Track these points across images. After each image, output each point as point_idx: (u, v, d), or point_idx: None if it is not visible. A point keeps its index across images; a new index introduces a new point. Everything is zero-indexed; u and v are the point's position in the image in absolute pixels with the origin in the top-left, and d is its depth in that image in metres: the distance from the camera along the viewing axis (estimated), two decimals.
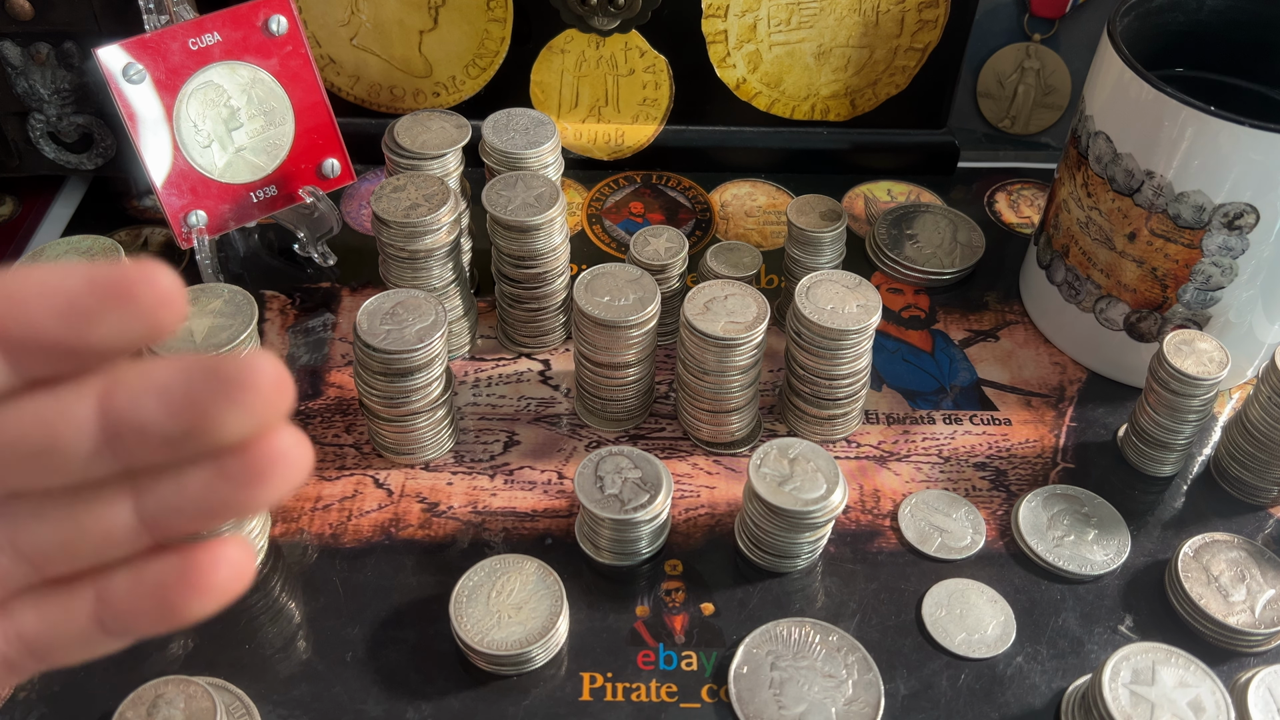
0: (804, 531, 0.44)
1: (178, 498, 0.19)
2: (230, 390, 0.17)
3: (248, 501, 0.19)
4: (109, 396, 0.18)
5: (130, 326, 0.17)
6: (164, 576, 0.20)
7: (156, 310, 0.17)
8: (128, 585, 0.20)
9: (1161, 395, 0.49)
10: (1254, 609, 0.44)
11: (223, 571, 0.20)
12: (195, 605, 0.20)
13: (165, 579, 0.20)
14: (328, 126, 0.58)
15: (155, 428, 0.18)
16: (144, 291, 0.17)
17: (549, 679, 0.42)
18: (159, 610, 0.20)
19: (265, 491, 0.19)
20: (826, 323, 0.47)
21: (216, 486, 0.19)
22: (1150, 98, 0.47)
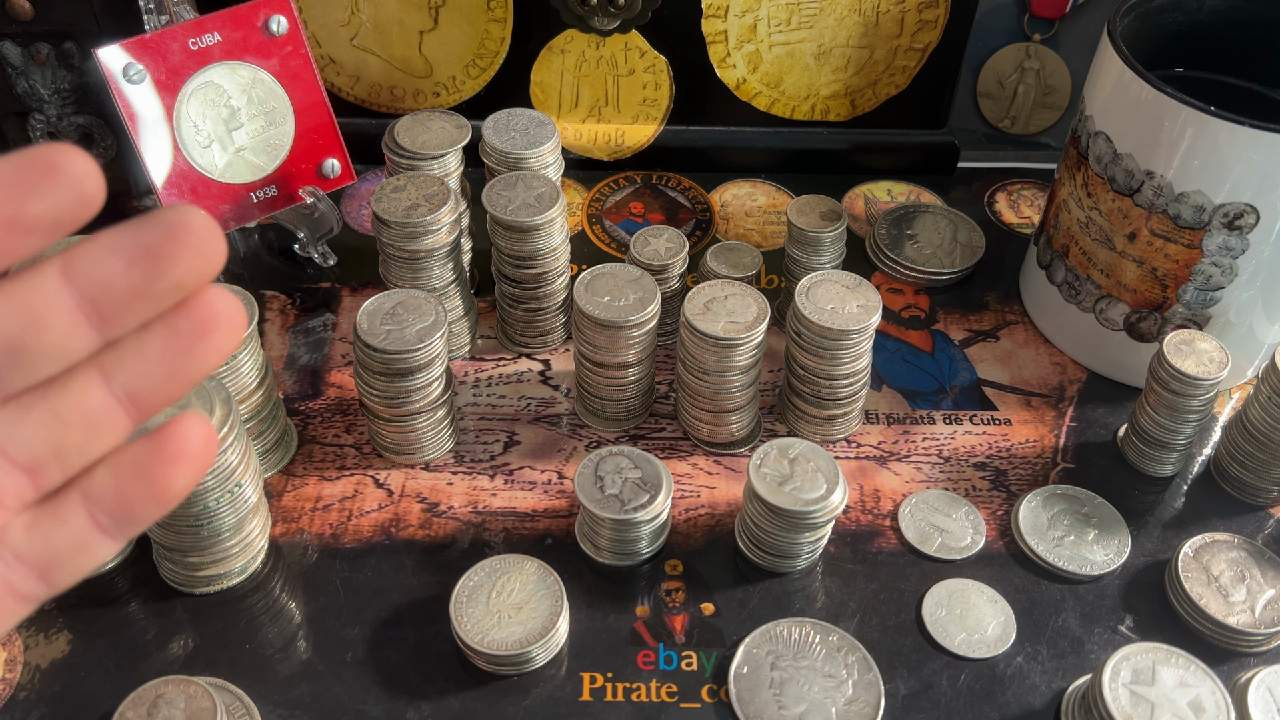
0: (804, 531, 0.44)
1: (142, 363, 0.21)
2: (175, 232, 0.20)
3: (202, 355, 0.21)
4: (70, 266, 0.20)
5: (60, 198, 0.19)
6: (141, 457, 0.21)
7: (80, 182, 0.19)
8: (110, 477, 0.21)
9: (1161, 395, 0.49)
10: (1254, 609, 0.44)
11: (192, 439, 0.21)
12: (177, 476, 0.21)
13: (142, 459, 0.21)
14: (328, 126, 0.58)
15: (121, 280, 0.20)
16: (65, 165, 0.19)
17: (549, 679, 0.42)
18: (145, 490, 0.21)
19: (214, 342, 0.21)
20: (826, 323, 0.47)
21: (172, 343, 0.21)
22: (1150, 98, 0.48)
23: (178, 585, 0.45)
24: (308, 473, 0.50)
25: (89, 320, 0.20)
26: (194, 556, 0.44)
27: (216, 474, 0.41)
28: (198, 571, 0.44)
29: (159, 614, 0.44)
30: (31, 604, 0.22)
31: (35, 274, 0.20)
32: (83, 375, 0.21)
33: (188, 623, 0.44)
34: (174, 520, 0.42)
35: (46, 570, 0.22)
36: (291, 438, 0.51)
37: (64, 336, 0.20)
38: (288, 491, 0.49)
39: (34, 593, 0.22)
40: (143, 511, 0.22)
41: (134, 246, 0.20)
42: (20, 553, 0.21)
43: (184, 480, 0.21)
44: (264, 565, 0.46)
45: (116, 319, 0.20)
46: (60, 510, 0.21)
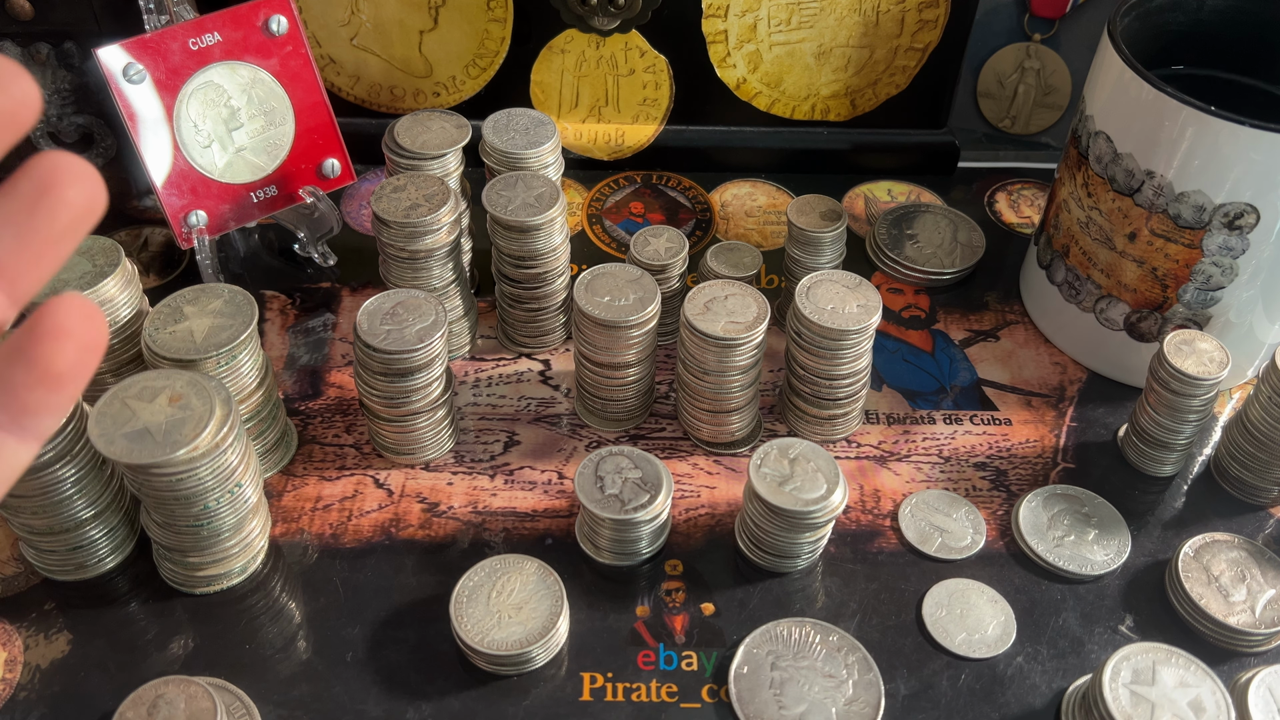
0: (804, 531, 0.44)
1: None
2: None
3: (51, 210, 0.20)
4: None
5: None
6: (16, 341, 0.20)
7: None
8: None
9: (1162, 395, 0.49)
10: (1254, 609, 0.44)
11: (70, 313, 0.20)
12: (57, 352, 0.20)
13: (18, 342, 0.20)
14: (328, 126, 0.58)
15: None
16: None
17: (549, 679, 0.42)
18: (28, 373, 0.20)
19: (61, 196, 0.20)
20: (827, 323, 0.47)
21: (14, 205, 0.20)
22: (1150, 97, 0.47)
23: (178, 585, 0.45)
24: (308, 473, 0.50)
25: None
26: (194, 556, 0.44)
27: (216, 474, 0.41)
28: (198, 571, 0.44)
29: (159, 614, 0.44)
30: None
31: None
32: None
33: (188, 623, 0.44)
34: (174, 520, 0.42)
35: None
36: (291, 438, 0.51)
37: None
38: (288, 491, 0.49)
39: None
40: (34, 397, 0.20)
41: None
42: None
43: (69, 357, 0.20)
44: (264, 565, 0.46)
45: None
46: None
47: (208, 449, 0.39)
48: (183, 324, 0.45)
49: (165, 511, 0.42)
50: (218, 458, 0.40)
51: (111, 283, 0.47)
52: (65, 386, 0.21)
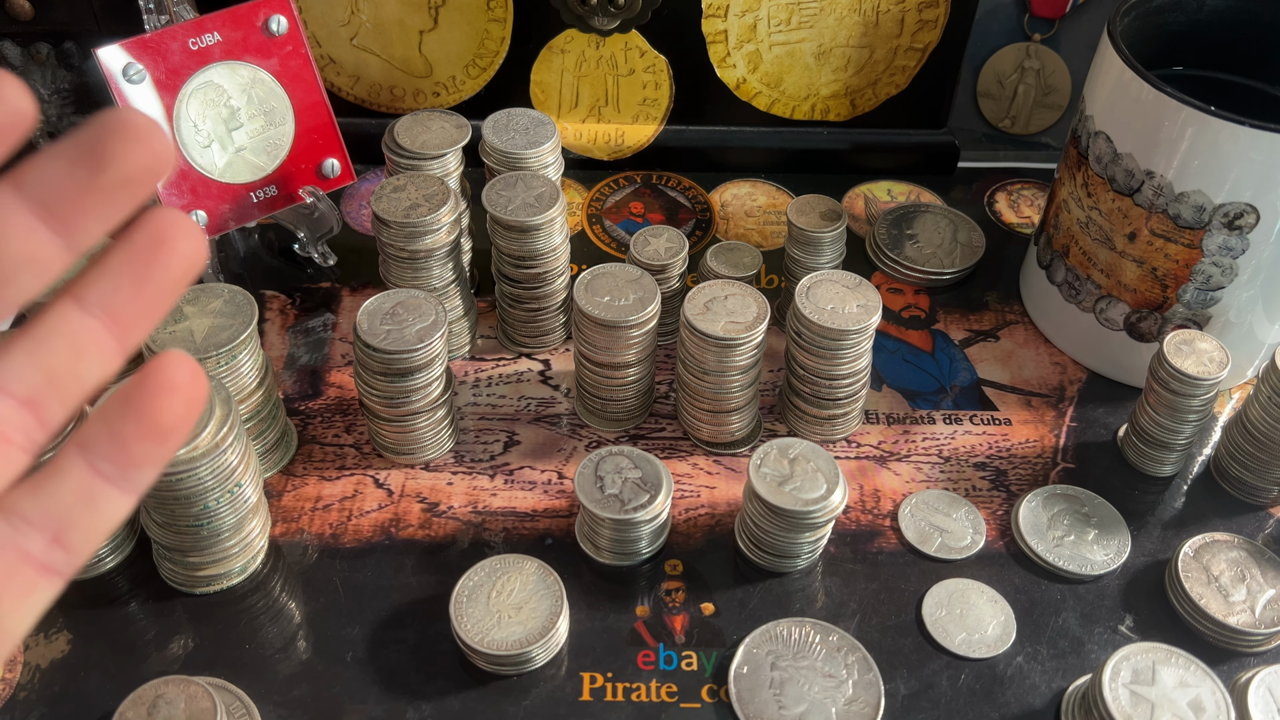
0: (804, 531, 0.44)
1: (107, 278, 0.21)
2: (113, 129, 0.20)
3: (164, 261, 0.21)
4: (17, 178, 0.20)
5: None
6: (127, 393, 0.21)
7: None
8: (100, 420, 0.21)
9: (1161, 395, 0.49)
10: (1254, 609, 0.44)
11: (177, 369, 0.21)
12: (167, 406, 0.21)
13: (128, 394, 0.21)
14: (328, 126, 0.58)
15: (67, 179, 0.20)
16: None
17: (549, 679, 0.42)
18: (137, 425, 0.21)
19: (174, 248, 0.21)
20: (826, 323, 0.47)
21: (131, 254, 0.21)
22: (1150, 98, 0.47)
23: (178, 585, 0.45)
24: (308, 473, 0.50)
25: (48, 225, 0.20)
26: (194, 556, 0.44)
27: (216, 474, 0.41)
28: (198, 571, 0.44)
29: (159, 614, 0.44)
30: (56, 575, 0.22)
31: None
32: (58, 303, 0.21)
33: (188, 623, 0.44)
34: (174, 520, 0.42)
35: (59, 532, 0.21)
36: (291, 438, 0.51)
37: (26, 243, 0.20)
38: (288, 491, 0.49)
39: (53, 560, 0.21)
40: (141, 450, 0.21)
41: (73, 148, 0.20)
42: (27, 515, 0.21)
43: (176, 411, 0.21)
44: (264, 565, 0.46)
45: (74, 221, 0.20)
46: (58, 464, 0.21)
47: (208, 449, 0.39)
48: (183, 324, 0.45)
49: (165, 511, 0.42)
50: (218, 457, 0.40)
51: None
52: (171, 440, 0.21)
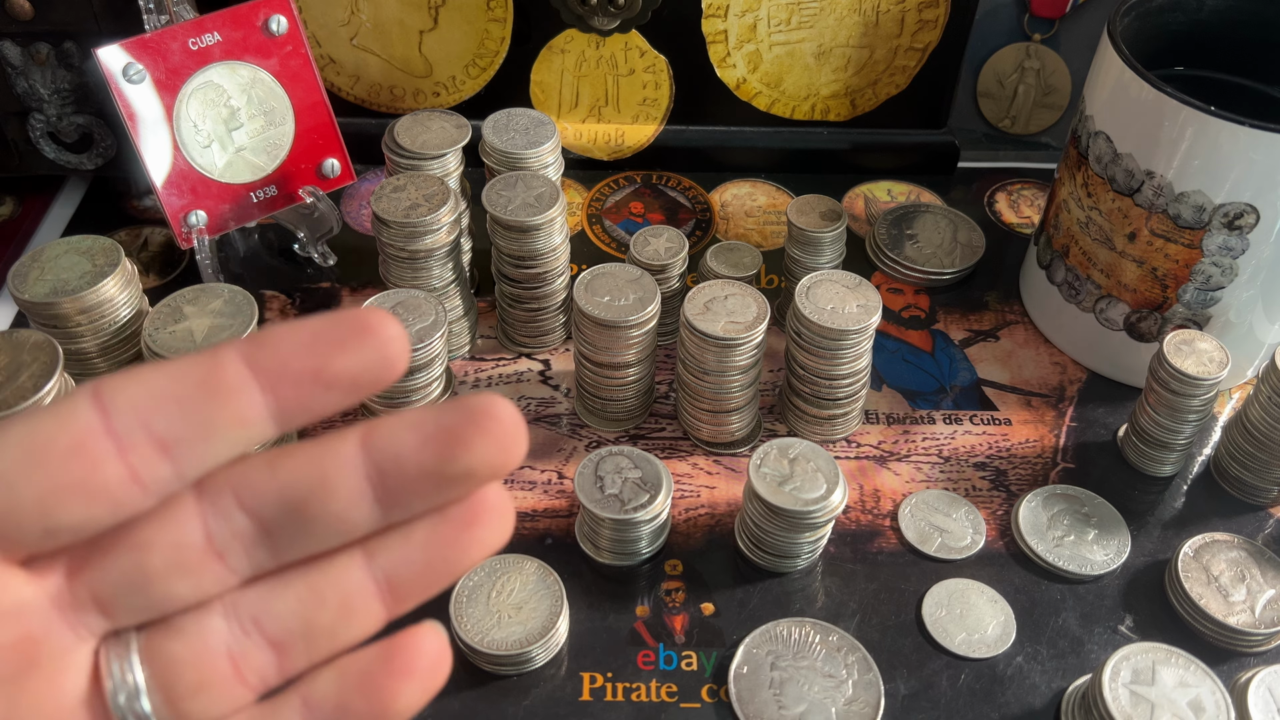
0: (804, 531, 0.44)
1: (405, 548, 0.20)
2: (475, 418, 0.19)
3: (468, 543, 0.20)
4: (369, 436, 0.20)
5: (366, 358, 0.19)
6: (368, 666, 0.20)
7: (387, 345, 0.19)
8: (333, 682, 0.20)
9: (1161, 395, 0.49)
10: (1254, 609, 0.44)
11: (424, 653, 0.20)
12: (402, 694, 0.20)
13: (369, 668, 0.20)
14: (328, 126, 0.58)
15: (414, 457, 0.19)
16: (376, 328, 0.19)
17: (549, 679, 0.42)
18: (366, 704, 0.20)
19: (480, 535, 0.20)
20: (826, 323, 0.47)
21: (438, 530, 0.20)
22: (1150, 98, 0.47)
23: None
24: None
25: (375, 494, 0.20)
26: None
27: None
28: None
29: None
30: None
31: (337, 437, 0.20)
32: (346, 553, 0.20)
33: None
34: None
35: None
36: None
37: (348, 506, 0.20)
38: None
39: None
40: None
41: (434, 426, 0.19)
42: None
43: (409, 699, 0.20)
44: None
45: (401, 497, 0.20)
46: (279, 712, 0.21)
47: None
48: (182, 324, 0.45)
49: None
50: None
51: (111, 283, 0.47)
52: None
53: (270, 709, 0.21)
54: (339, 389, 0.19)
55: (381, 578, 0.20)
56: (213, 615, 0.20)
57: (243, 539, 0.20)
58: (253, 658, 0.20)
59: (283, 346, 0.19)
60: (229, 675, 0.20)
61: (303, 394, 0.19)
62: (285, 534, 0.20)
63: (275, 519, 0.20)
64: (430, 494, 0.20)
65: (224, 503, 0.20)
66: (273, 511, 0.20)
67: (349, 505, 0.20)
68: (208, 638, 0.20)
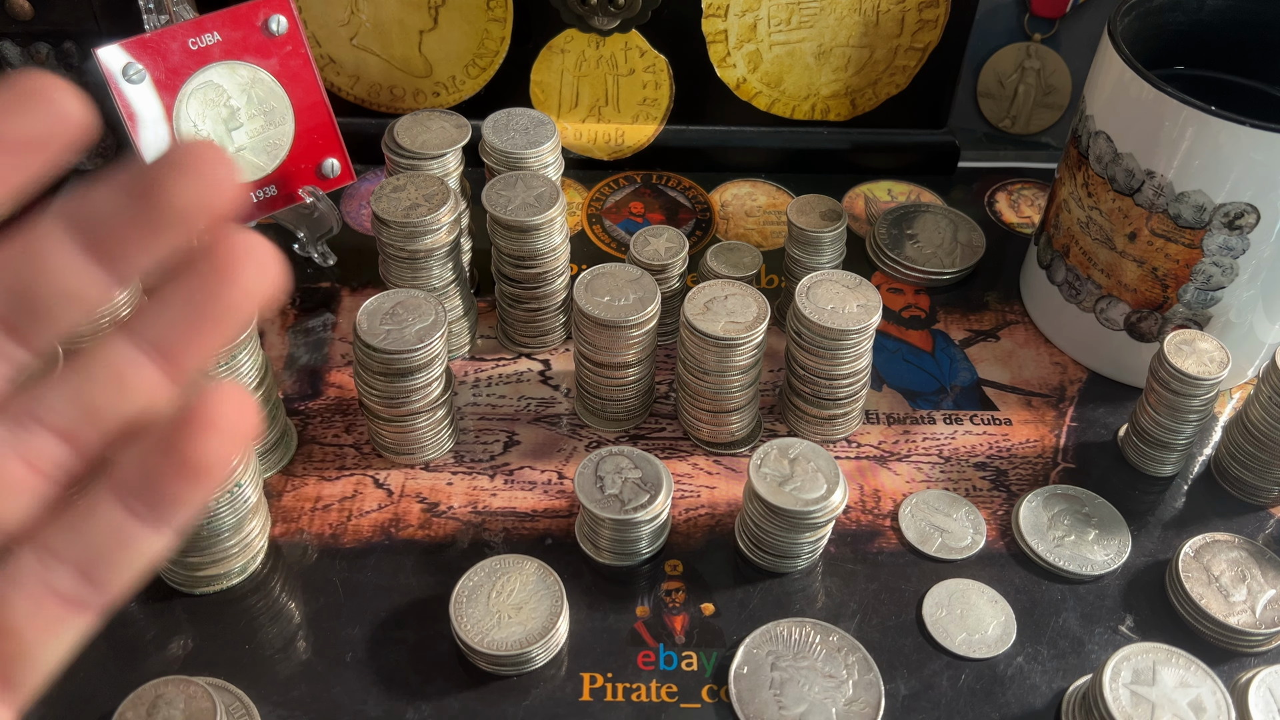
0: (804, 531, 0.44)
1: (165, 312, 0.20)
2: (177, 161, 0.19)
3: (228, 297, 0.19)
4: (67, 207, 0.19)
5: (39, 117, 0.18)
6: (164, 430, 0.20)
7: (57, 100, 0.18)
8: (135, 455, 0.20)
9: (1162, 395, 0.49)
10: (1255, 609, 0.44)
11: (225, 406, 0.20)
12: (204, 445, 0.19)
13: (166, 431, 0.20)
14: (328, 126, 0.58)
15: (118, 214, 0.19)
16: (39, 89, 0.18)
17: (549, 679, 0.42)
18: (171, 463, 0.20)
19: (240, 283, 0.20)
20: (826, 323, 0.47)
21: (193, 286, 0.19)
22: (1150, 97, 0.47)
23: (177, 585, 0.45)
24: (307, 473, 0.50)
25: (99, 262, 0.19)
26: (194, 556, 0.44)
27: None
28: (197, 571, 0.44)
29: (159, 614, 0.44)
30: (87, 612, 0.21)
31: (34, 222, 0.19)
32: (109, 336, 0.20)
33: (187, 623, 0.44)
34: None
35: (89, 568, 0.20)
36: (291, 438, 0.51)
37: (74, 279, 0.19)
38: (287, 491, 0.49)
39: (82, 596, 0.21)
40: (174, 489, 0.20)
41: (130, 179, 0.19)
42: (56, 550, 0.20)
43: (215, 449, 0.19)
44: (264, 565, 0.46)
45: (124, 257, 0.19)
46: (89, 499, 0.20)
47: None
48: None
49: None
50: None
51: None
52: (206, 480, 0.20)
53: (85, 503, 0.20)
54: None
55: (148, 346, 0.20)
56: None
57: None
58: (43, 451, 0.20)
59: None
60: (23, 473, 0.20)
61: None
62: (25, 323, 0.19)
63: (6, 312, 0.19)
64: (150, 245, 0.19)
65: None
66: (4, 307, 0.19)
67: (75, 279, 0.19)
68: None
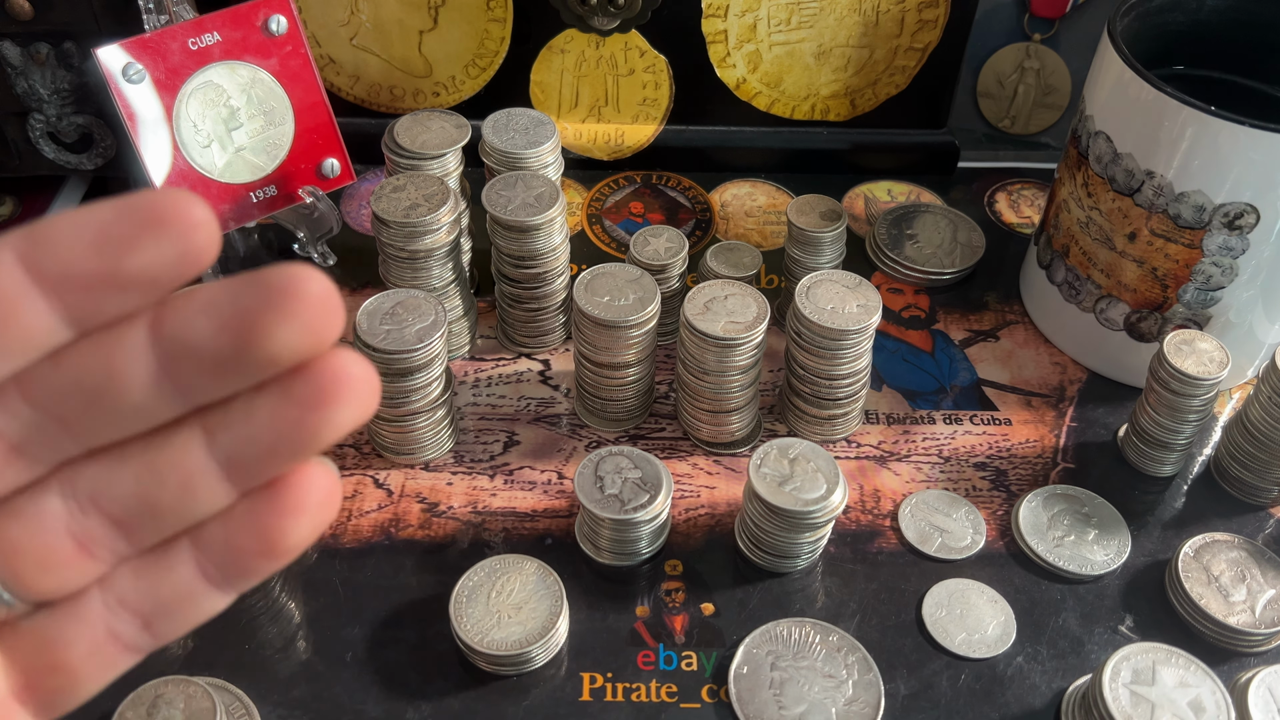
0: (804, 531, 0.44)
1: (247, 429, 0.18)
2: (275, 298, 0.17)
3: (318, 426, 0.18)
4: (158, 322, 0.18)
5: (165, 252, 0.17)
6: (256, 508, 0.19)
7: (190, 234, 0.17)
8: (221, 526, 0.20)
9: (1162, 395, 0.49)
10: (1254, 609, 0.44)
11: (313, 490, 0.19)
12: (291, 529, 0.19)
13: (256, 509, 0.19)
14: (328, 126, 0.58)
15: (206, 344, 0.17)
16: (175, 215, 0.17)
17: (549, 679, 0.42)
18: (257, 543, 0.19)
19: (334, 414, 0.18)
20: (826, 323, 0.47)
21: (284, 411, 0.18)
22: (1150, 97, 0.47)
23: None
24: None
25: (171, 383, 0.18)
26: None
27: None
28: None
29: None
30: (136, 655, 0.21)
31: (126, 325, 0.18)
32: (186, 432, 0.19)
33: None
34: None
35: (151, 619, 0.20)
36: None
37: (143, 396, 0.18)
38: None
39: (138, 643, 0.21)
40: (254, 565, 0.20)
41: (229, 309, 0.17)
42: (125, 598, 0.20)
43: (300, 534, 0.19)
44: None
45: (202, 385, 0.18)
46: (168, 557, 0.20)
47: None
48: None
49: None
50: None
51: None
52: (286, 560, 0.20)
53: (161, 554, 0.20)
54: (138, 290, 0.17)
55: (224, 458, 0.19)
56: (49, 496, 0.19)
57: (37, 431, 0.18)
58: (97, 535, 0.20)
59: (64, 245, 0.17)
60: (73, 552, 0.20)
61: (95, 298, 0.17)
62: (81, 424, 0.19)
63: (68, 413, 0.18)
64: (235, 380, 0.18)
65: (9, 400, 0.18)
66: (62, 405, 0.18)
67: (144, 396, 0.18)
68: (44, 519, 0.19)
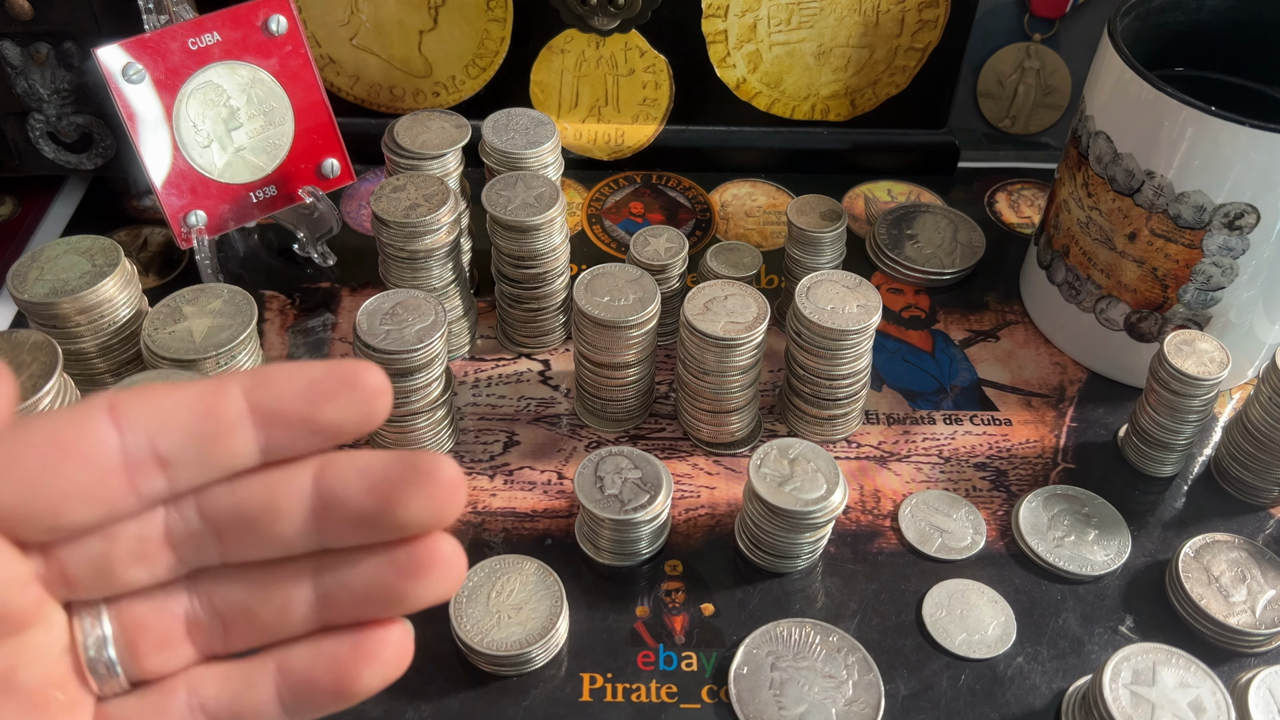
0: (804, 532, 0.44)
1: (349, 577, 0.22)
2: (417, 476, 0.21)
3: (406, 591, 0.22)
4: (323, 471, 0.21)
5: (352, 411, 0.21)
6: (339, 650, 0.22)
7: (373, 399, 0.21)
8: (306, 657, 0.22)
9: (1162, 395, 0.49)
10: (1254, 609, 0.44)
11: (390, 647, 0.22)
12: (367, 677, 0.22)
13: (340, 652, 0.22)
14: (327, 126, 0.58)
15: (355, 501, 0.21)
16: (363, 382, 0.21)
17: (549, 679, 0.42)
18: (334, 681, 0.22)
19: (424, 585, 0.22)
20: (826, 323, 0.47)
21: (384, 573, 0.22)
22: (1150, 98, 0.47)
23: None
24: None
25: (317, 524, 0.21)
26: None
27: None
28: None
29: None
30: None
31: (297, 465, 0.22)
32: (300, 563, 0.22)
33: None
34: None
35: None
36: None
37: (291, 530, 0.21)
38: None
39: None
40: (322, 701, 0.22)
41: (380, 476, 0.21)
42: (206, 703, 0.22)
43: (370, 680, 0.22)
44: None
45: (339, 533, 0.21)
46: (253, 673, 0.22)
47: None
48: (182, 324, 0.45)
49: None
50: None
51: (111, 282, 0.47)
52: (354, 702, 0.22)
53: (247, 669, 0.23)
54: (323, 435, 0.21)
55: (321, 594, 0.22)
56: (178, 584, 0.22)
57: (196, 539, 0.22)
58: (204, 628, 0.22)
59: (281, 390, 0.21)
60: (183, 637, 0.22)
61: (291, 435, 0.21)
62: (233, 541, 0.22)
63: (227, 528, 0.22)
64: (367, 535, 0.21)
65: (186, 506, 0.22)
66: (226, 522, 0.22)
67: (291, 530, 0.21)
68: (171, 604, 0.22)
